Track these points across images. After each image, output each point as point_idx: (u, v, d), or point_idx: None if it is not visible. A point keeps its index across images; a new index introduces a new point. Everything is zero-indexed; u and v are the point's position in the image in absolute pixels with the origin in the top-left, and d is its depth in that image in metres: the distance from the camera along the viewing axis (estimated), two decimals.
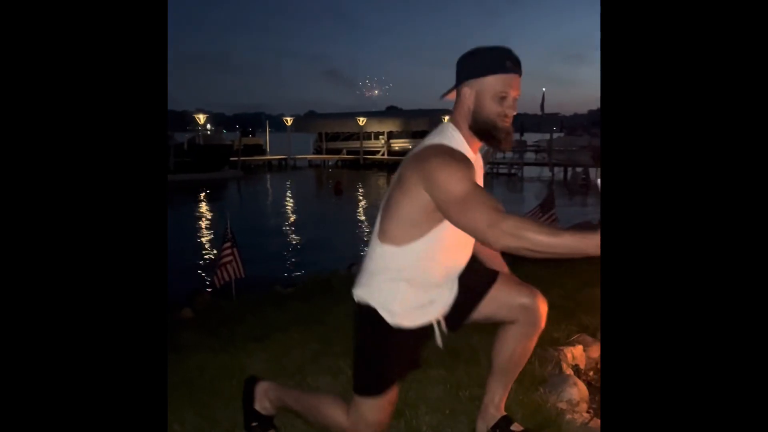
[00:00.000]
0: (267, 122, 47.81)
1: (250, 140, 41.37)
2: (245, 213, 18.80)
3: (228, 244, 6.61)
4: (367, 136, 40.16)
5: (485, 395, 2.02)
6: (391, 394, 1.75)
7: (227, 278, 6.55)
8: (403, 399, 2.21)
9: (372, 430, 1.76)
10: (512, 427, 1.98)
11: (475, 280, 1.85)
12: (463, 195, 1.49)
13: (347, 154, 40.48)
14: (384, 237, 1.71)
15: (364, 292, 1.75)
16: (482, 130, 1.65)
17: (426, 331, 1.78)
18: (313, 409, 1.94)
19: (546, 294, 1.93)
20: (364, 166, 37.98)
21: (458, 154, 1.60)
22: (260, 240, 13.70)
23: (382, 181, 32.06)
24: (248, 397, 2.09)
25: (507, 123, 1.65)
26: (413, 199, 1.61)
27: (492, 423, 1.99)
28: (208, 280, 7.55)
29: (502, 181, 30.55)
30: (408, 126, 39.96)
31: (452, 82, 1.71)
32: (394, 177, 1.72)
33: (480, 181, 1.74)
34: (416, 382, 2.44)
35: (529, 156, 38.83)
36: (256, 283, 7.55)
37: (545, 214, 6.76)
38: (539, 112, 35.39)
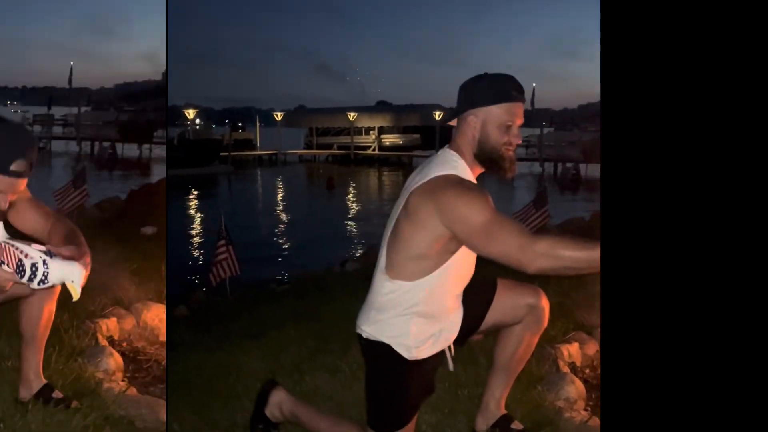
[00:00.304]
0: (257, 117, 47.42)
1: (240, 135, 40.97)
2: (237, 209, 18.68)
3: (223, 242, 6.58)
4: (358, 132, 40.01)
5: (486, 392, 2.02)
6: (411, 426, 1.73)
7: (223, 275, 6.53)
8: None
9: None
10: (512, 426, 1.99)
11: (477, 294, 1.82)
12: (486, 223, 1.46)
13: (338, 150, 40.34)
14: (394, 272, 1.65)
15: (374, 329, 1.70)
16: (488, 159, 1.65)
17: (439, 356, 1.76)
18: None
19: None
20: (354, 161, 37.86)
21: (468, 183, 1.59)
22: (252, 236, 13.63)
23: (373, 176, 32.00)
24: (262, 399, 2.08)
25: (512, 152, 1.65)
26: (427, 232, 1.57)
27: (492, 421, 2.00)
28: (202, 279, 7.51)
29: (494, 177, 30.48)
30: (399, 121, 39.80)
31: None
32: (397, 208, 1.67)
33: None
34: None
35: (519, 151, 38.68)
36: (250, 281, 7.52)
37: (538, 210, 6.77)
38: (529, 107, 35.39)
